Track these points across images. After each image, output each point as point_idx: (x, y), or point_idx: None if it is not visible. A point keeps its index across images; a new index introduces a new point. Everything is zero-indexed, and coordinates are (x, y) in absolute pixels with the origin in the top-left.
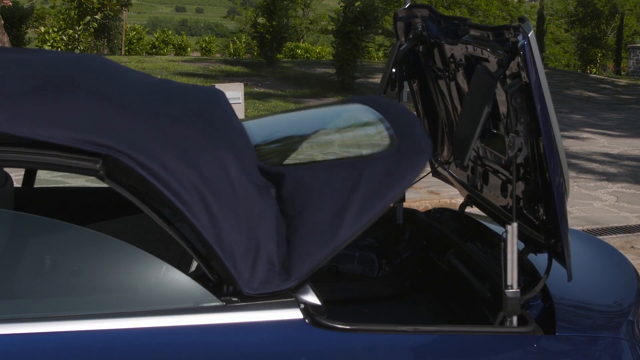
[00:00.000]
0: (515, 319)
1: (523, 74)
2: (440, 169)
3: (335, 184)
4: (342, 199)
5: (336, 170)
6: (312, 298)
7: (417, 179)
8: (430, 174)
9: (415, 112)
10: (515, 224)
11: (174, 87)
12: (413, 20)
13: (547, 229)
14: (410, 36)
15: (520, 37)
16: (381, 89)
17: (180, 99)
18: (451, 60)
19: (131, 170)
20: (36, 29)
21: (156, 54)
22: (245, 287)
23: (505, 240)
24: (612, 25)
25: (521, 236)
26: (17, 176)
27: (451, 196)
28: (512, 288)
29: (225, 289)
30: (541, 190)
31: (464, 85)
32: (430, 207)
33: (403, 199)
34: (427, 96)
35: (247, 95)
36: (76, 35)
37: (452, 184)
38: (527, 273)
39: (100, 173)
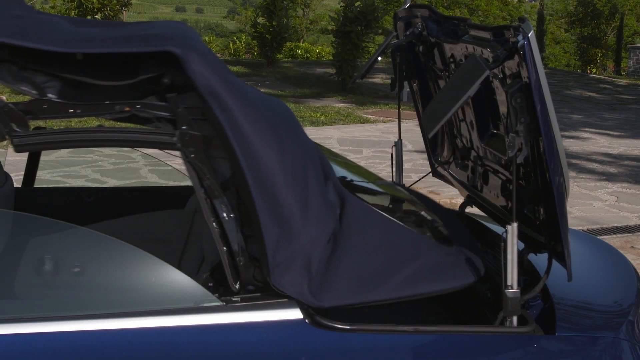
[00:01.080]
0: (515, 319)
1: (523, 74)
2: (440, 169)
3: (394, 245)
4: (395, 263)
5: (401, 233)
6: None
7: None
8: (430, 174)
9: (415, 112)
10: (515, 224)
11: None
12: (413, 20)
13: (547, 229)
14: (408, 33)
15: (520, 37)
16: (362, 73)
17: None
18: (451, 60)
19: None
20: None
21: None
22: (273, 277)
23: (505, 241)
24: (612, 25)
25: (521, 236)
26: (17, 176)
27: (451, 196)
28: (512, 288)
29: (237, 285)
30: (541, 191)
31: None
32: None
33: None
34: (427, 96)
35: None
36: None
37: (452, 184)
38: (527, 273)
39: (177, 145)
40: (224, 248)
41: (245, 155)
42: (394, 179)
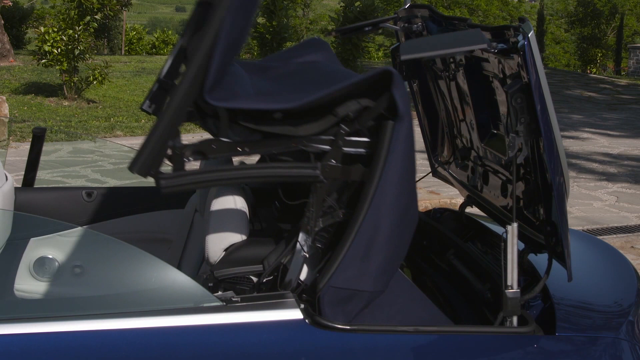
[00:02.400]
0: (515, 319)
1: (523, 74)
2: (440, 169)
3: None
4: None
5: (422, 304)
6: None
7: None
8: (431, 174)
9: (415, 112)
10: (515, 225)
11: None
12: (413, 20)
13: (547, 229)
14: (409, 36)
15: (520, 37)
16: (343, 29)
17: None
18: (451, 60)
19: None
20: (36, 29)
21: (156, 54)
22: (325, 297)
23: (505, 241)
24: (612, 25)
25: (521, 236)
26: (17, 176)
27: (451, 196)
28: (512, 288)
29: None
30: (541, 191)
31: (464, 86)
32: (430, 207)
33: None
34: (427, 96)
35: None
36: (76, 35)
37: (452, 184)
38: (527, 273)
39: (319, 178)
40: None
41: None
42: None
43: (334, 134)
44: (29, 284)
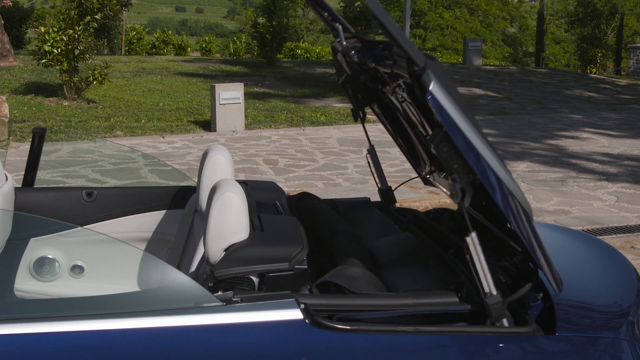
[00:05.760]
0: (505, 321)
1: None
2: (429, 178)
3: None
4: None
5: None
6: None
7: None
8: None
9: (388, 133)
10: (473, 234)
11: None
12: (349, 52)
13: (517, 248)
14: (351, 66)
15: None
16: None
17: None
18: (390, 80)
19: None
20: (36, 29)
21: (156, 54)
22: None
23: (469, 252)
24: (612, 25)
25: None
26: (17, 176)
27: None
28: (490, 294)
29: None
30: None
31: (412, 107)
32: (430, 207)
33: (394, 201)
34: (390, 116)
35: (247, 95)
36: (76, 35)
37: (443, 191)
38: (522, 270)
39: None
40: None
41: None
42: (377, 183)
43: None
44: (29, 284)
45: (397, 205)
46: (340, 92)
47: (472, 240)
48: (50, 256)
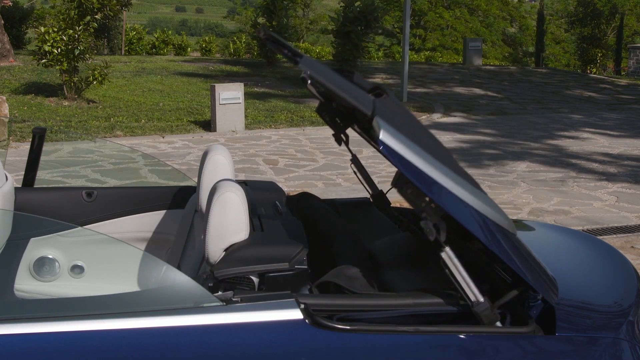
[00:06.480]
0: (499, 322)
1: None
2: None
3: None
4: None
5: None
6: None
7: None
8: None
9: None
10: (447, 248)
11: None
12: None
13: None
14: (322, 94)
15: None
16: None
17: None
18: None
19: None
20: (36, 29)
21: (156, 54)
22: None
23: (447, 266)
24: (612, 25)
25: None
26: (17, 176)
27: None
28: (477, 302)
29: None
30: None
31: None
32: None
33: (389, 203)
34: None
35: (247, 95)
36: (76, 35)
37: None
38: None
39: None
40: None
41: None
42: (368, 191)
43: None
44: (29, 284)
45: (398, 205)
46: None
47: (447, 255)
48: (50, 256)
